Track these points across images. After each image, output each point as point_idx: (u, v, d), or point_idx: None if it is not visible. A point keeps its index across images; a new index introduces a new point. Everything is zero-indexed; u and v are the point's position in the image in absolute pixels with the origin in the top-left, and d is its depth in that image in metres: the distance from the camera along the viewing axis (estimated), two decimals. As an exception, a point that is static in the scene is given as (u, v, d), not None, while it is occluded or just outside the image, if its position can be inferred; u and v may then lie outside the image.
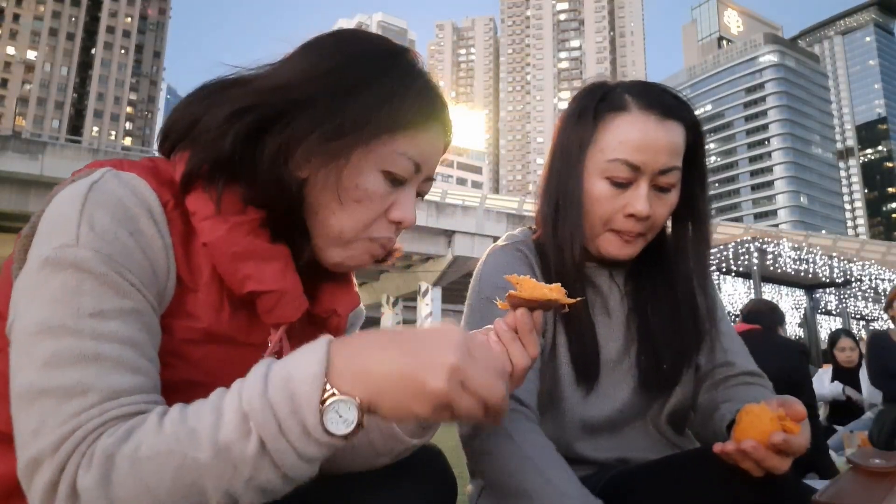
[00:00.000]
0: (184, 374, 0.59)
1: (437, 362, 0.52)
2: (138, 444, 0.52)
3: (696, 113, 1.00)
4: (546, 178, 1.08)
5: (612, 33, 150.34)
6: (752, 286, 13.68)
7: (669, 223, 1.09)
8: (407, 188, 0.73)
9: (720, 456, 0.81)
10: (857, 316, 17.55)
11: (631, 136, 0.97)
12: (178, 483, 0.51)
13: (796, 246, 13.45)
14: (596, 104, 1.00)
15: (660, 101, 0.98)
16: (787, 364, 2.90)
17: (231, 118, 0.66)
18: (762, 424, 0.79)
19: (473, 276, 1.10)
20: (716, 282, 13.51)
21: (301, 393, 0.51)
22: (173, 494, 0.51)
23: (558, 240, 1.02)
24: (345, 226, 0.70)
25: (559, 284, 0.65)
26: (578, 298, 0.64)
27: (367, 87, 0.68)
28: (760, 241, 12.82)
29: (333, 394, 0.52)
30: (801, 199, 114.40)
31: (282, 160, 0.66)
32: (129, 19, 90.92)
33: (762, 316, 3.39)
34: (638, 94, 0.99)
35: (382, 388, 0.53)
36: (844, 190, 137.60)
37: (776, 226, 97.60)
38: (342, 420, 0.52)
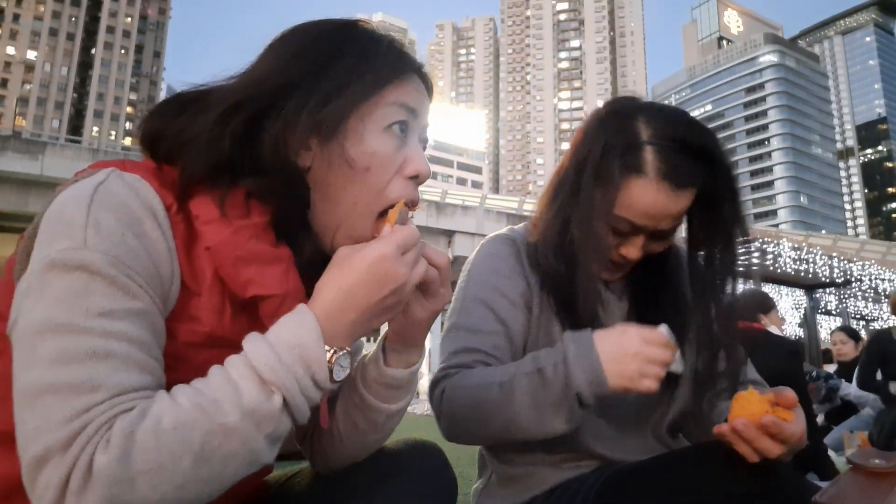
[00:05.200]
0: (185, 378, 0.59)
1: (398, 283, 0.64)
2: (159, 419, 0.54)
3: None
4: (559, 196, 1.08)
5: (612, 33, 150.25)
6: (752, 286, 13.65)
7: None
8: (411, 141, 0.74)
9: (719, 439, 0.83)
10: (857, 316, 17.54)
11: (641, 203, 0.98)
12: (206, 447, 0.54)
13: (796, 246, 13.43)
14: (620, 158, 0.99)
15: (679, 167, 0.97)
16: (778, 364, 2.89)
17: (222, 118, 0.67)
18: (751, 406, 0.82)
19: (464, 269, 1.13)
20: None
21: (314, 358, 0.60)
22: (199, 459, 0.54)
23: (574, 270, 1.04)
24: (359, 196, 0.70)
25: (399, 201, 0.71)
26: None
27: (339, 56, 0.71)
28: (760, 241, 12.79)
29: (335, 352, 0.63)
30: (801, 199, 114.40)
31: (283, 150, 0.68)
32: (129, 19, 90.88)
33: (749, 308, 3.41)
34: (660, 154, 0.98)
35: (365, 327, 0.66)
36: (844, 190, 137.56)
37: (776, 226, 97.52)
38: (342, 369, 0.64)
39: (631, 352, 0.88)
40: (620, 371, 0.88)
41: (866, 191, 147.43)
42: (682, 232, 1.08)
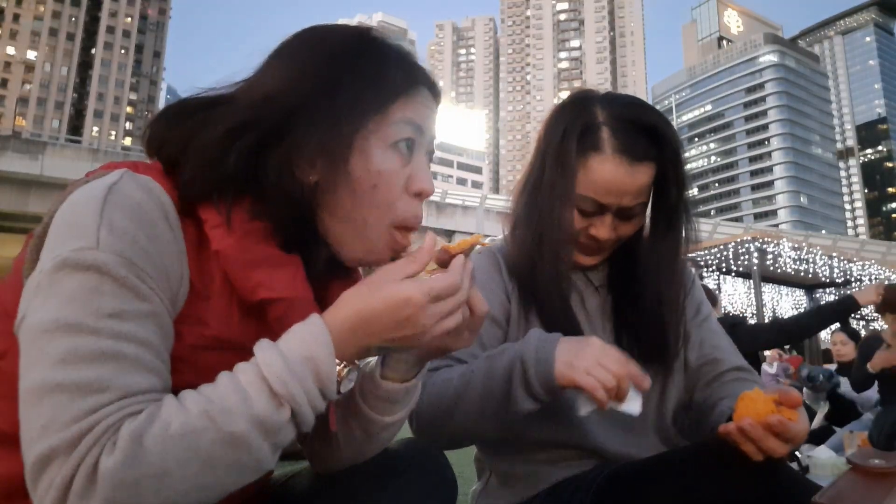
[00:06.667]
0: (191, 380, 0.59)
1: (417, 331, 0.62)
2: (167, 424, 0.53)
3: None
4: (527, 191, 1.13)
5: (612, 33, 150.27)
6: (752, 286, 13.67)
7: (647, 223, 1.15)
8: (417, 157, 0.74)
9: (723, 438, 0.84)
10: (857, 316, 17.55)
11: (601, 178, 1.04)
12: (212, 455, 0.54)
13: (796, 246, 13.43)
14: (577, 139, 1.06)
15: (634, 143, 1.03)
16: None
17: (228, 136, 0.66)
18: (757, 406, 0.82)
19: None
20: (716, 282, 13.52)
21: (325, 373, 0.60)
22: (205, 466, 0.54)
23: (542, 257, 1.07)
24: (369, 215, 0.70)
25: (477, 235, 0.71)
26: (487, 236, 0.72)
27: (348, 76, 0.70)
28: (760, 241, 12.81)
29: (346, 366, 0.63)
30: (801, 199, 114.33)
31: (287, 171, 0.67)
32: (129, 19, 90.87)
33: None
34: (615, 132, 1.04)
35: (377, 352, 0.67)
36: (844, 190, 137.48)
37: (776, 226, 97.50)
38: (350, 382, 0.65)
39: (588, 350, 0.90)
40: (570, 361, 0.89)
41: (866, 191, 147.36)
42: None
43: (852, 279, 14.99)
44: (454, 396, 0.96)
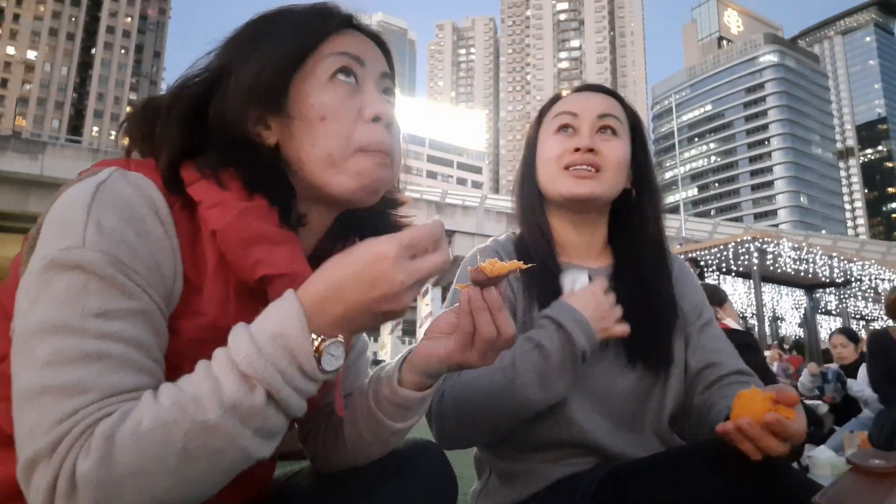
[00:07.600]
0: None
1: (392, 290, 0.59)
2: (139, 421, 0.52)
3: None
4: (520, 173, 1.27)
5: (612, 33, 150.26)
6: (752, 286, 13.67)
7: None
8: (366, 88, 0.74)
9: (721, 437, 0.83)
10: (857, 316, 17.55)
11: (567, 100, 1.20)
12: (188, 447, 0.52)
13: (796, 246, 13.43)
14: (543, 109, 1.25)
15: (586, 85, 1.22)
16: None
17: (167, 109, 0.69)
18: (755, 405, 0.81)
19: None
20: (716, 282, 13.53)
21: (298, 348, 0.57)
22: (183, 459, 0.52)
23: (523, 204, 1.20)
24: (328, 145, 0.69)
25: (516, 261, 0.72)
26: (532, 265, 0.75)
27: (265, 31, 0.72)
28: (760, 241, 12.81)
29: (323, 339, 0.58)
30: (801, 199, 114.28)
31: (238, 127, 0.68)
32: (129, 19, 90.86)
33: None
34: (575, 88, 1.23)
35: (357, 324, 0.60)
36: (844, 190, 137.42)
37: (776, 226, 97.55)
38: (334, 358, 0.59)
39: (602, 304, 1.02)
40: (601, 325, 1.00)
41: (866, 191, 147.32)
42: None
43: (852, 279, 15.00)
44: (502, 392, 0.98)
